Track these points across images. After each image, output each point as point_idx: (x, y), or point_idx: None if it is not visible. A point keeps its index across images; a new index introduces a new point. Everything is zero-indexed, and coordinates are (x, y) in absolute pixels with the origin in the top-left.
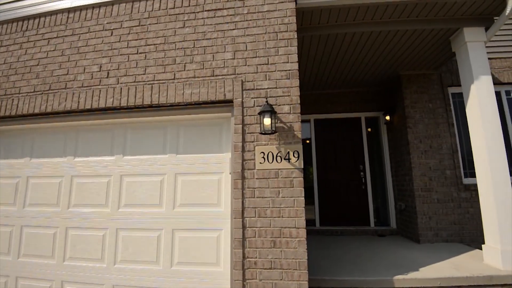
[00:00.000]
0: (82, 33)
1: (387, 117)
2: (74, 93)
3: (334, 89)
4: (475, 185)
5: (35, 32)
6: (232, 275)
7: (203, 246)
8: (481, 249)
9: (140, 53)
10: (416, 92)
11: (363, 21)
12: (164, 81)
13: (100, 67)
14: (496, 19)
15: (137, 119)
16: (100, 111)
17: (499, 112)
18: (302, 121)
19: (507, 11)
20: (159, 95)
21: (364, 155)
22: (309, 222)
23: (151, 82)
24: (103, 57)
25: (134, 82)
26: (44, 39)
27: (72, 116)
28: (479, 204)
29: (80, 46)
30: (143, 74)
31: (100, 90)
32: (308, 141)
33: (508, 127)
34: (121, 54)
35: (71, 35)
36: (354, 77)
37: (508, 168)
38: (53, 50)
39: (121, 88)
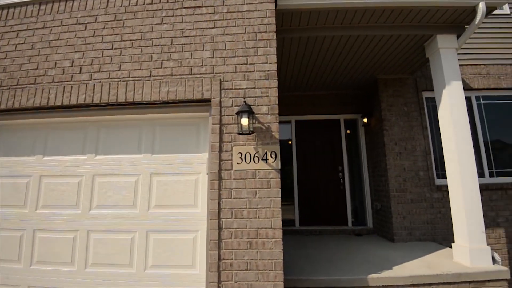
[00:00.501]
0: (54, 26)
1: (365, 120)
2: (44, 89)
3: (314, 91)
4: (447, 186)
5: (4, 23)
6: (207, 277)
7: (178, 248)
8: (451, 247)
9: (115, 48)
10: (392, 96)
11: (342, 25)
12: (139, 78)
13: (72, 62)
14: (467, 27)
15: (111, 117)
16: (71, 108)
17: (470, 117)
18: (284, 122)
19: (477, 20)
20: (134, 92)
21: (343, 156)
22: (289, 222)
23: (126, 79)
24: (75, 51)
25: (108, 78)
26: (12, 31)
27: (41, 113)
28: (450, 204)
29: (51, 40)
30: (118, 70)
31: (71, 86)
32: (290, 142)
33: (477, 131)
34: (95, 49)
35: (42, 28)
36: (334, 80)
37: (476, 170)
38: (22, 43)
39: (94, 85)
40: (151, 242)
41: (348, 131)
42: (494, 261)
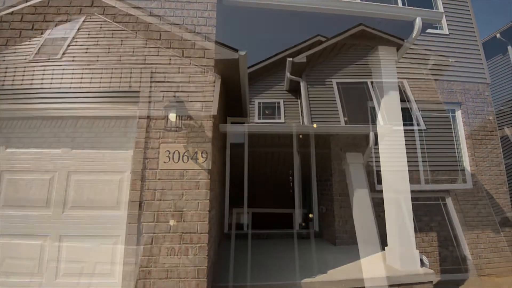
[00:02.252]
0: None
1: (315, 125)
2: None
3: None
4: None
5: None
6: (123, 287)
7: (96, 255)
8: None
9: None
10: None
11: None
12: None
13: None
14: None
15: (25, 106)
16: None
17: (409, 126)
18: (237, 123)
19: (414, 34)
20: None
21: (294, 161)
22: (239, 226)
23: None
24: None
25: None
26: None
27: None
28: None
29: None
30: None
31: None
32: (244, 145)
33: (416, 139)
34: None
35: None
36: None
37: (408, 176)
38: None
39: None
40: (64, 248)
41: (300, 136)
42: (422, 264)
